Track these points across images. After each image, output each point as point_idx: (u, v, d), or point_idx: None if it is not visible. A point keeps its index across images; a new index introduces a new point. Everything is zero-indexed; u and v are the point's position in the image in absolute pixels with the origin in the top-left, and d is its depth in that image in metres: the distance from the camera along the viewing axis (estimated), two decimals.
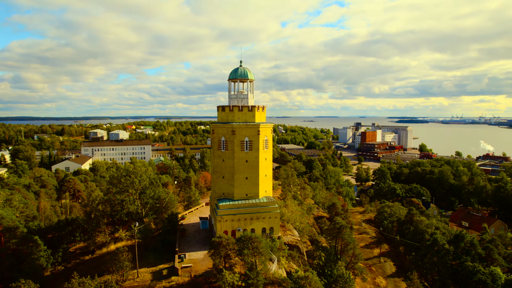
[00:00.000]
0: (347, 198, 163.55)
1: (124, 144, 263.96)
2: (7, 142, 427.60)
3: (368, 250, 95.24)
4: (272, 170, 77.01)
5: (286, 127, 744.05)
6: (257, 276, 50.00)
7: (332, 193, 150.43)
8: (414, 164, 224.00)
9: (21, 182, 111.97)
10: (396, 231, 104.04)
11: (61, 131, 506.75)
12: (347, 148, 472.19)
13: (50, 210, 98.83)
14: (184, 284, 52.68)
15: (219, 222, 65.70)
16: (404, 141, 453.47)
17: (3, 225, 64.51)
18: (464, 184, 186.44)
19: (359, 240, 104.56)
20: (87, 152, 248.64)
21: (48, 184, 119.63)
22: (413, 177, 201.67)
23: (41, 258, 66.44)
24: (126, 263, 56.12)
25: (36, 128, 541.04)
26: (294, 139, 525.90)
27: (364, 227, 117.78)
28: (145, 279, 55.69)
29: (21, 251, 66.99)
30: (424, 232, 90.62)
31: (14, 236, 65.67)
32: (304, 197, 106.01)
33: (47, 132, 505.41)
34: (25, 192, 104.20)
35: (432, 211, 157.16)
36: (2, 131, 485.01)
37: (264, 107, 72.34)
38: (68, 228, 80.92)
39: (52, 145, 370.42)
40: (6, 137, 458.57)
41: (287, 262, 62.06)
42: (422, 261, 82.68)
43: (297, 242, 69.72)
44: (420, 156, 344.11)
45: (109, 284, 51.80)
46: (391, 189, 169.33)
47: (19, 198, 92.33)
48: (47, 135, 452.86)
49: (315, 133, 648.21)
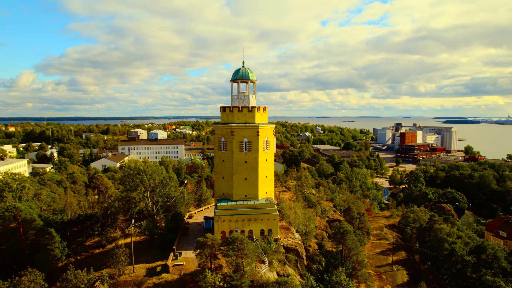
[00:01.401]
0: (374, 201, 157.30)
1: (158, 143, 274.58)
2: (60, 140, 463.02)
3: (382, 257, 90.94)
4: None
5: (324, 127, 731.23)
6: (241, 278, 49.85)
7: (356, 196, 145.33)
8: (452, 167, 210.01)
9: (54, 178, 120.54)
10: (415, 238, 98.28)
11: (106, 131, 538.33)
12: (386, 150, 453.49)
13: (76, 205, 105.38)
14: (172, 281, 53.86)
15: (216, 222, 66.27)
16: (448, 142, 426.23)
17: (21, 217, 69.90)
18: (510, 190, 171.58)
19: (376, 246, 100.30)
20: (124, 151, 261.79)
21: (78, 181, 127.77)
22: (450, 181, 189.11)
23: (56, 250, 71.06)
24: (122, 259, 58.51)
25: (84, 128, 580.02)
26: (331, 139, 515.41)
27: (385, 233, 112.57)
28: (139, 275, 57.69)
29: (38, 242, 72.13)
30: (444, 241, 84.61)
31: (32, 227, 70.84)
32: (318, 200, 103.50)
33: (94, 131, 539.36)
34: (56, 187, 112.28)
35: (467, 218, 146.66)
36: (56, 130, 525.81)
37: (266, 108, 71.79)
38: (87, 222, 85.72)
39: (96, 144, 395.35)
40: (59, 135, 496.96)
41: (281, 265, 61.06)
42: (438, 272, 77.37)
43: (296, 245, 68.37)
44: (465, 159, 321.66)
45: (103, 278, 54.33)
46: (422, 193, 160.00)
47: (47, 193, 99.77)
48: (93, 134, 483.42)
49: (354, 133, 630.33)
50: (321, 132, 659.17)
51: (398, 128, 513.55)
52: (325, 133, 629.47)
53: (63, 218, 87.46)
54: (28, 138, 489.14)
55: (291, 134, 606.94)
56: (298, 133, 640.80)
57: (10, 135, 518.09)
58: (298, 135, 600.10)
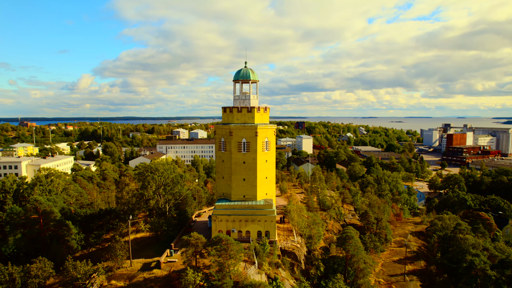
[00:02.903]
0: (405, 206, 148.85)
1: (194, 142, 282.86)
2: (109, 139, 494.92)
3: (398, 266, 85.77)
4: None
5: (369, 128, 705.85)
6: (222, 278, 49.96)
7: (384, 200, 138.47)
8: (500, 172, 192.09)
9: (86, 174, 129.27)
10: (437, 247, 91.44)
11: (151, 130, 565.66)
12: (432, 152, 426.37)
13: (101, 200, 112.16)
14: (160, 277, 55.41)
15: (214, 222, 66.96)
16: (505, 145, 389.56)
17: (41, 209, 75.93)
18: None
19: (395, 254, 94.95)
20: (162, 150, 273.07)
21: (108, 177, 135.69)
22: (497, 187, 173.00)
23: (72, 241, 76.23)
24: (121, 253, 61.31)
25: (132, 127, 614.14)
26: (373, 140, 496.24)
27: (408, 240, 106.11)
28: (134, 269, 60.06)
29: (57, 233, 77.88)
30: (466, 252, 77.83)
31: (51, 219, 76.63)
32: (332, 203, 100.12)
33: (140, 130, 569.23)
34: (86, 183, 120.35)
35: (511, 229, 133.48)
36: (106, 129, 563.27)
37: (267, 108, 71.08)
38: (107, 217, 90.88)
39: (141, 143, 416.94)
40: (108, 134, 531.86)
41: (273, 268, 60.08)
42: (455, 286, 71.40)
43: (294, 248, 66.86)
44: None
45: (98, 270, 57.36)
46: (461, 199, 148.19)
47: (75, 188, 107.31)
48: (139, 133, 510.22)
49: (400, 134, 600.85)
50: (364, 132, 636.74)
51: (446, 129, 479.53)
52: (368, 133, 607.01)
53: (86, 212, 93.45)
54: (82, 136, 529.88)
55: (332, 135, 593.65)
56: (340, 134, 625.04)
57: (68, 133, 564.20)
58: (340, 136, 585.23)
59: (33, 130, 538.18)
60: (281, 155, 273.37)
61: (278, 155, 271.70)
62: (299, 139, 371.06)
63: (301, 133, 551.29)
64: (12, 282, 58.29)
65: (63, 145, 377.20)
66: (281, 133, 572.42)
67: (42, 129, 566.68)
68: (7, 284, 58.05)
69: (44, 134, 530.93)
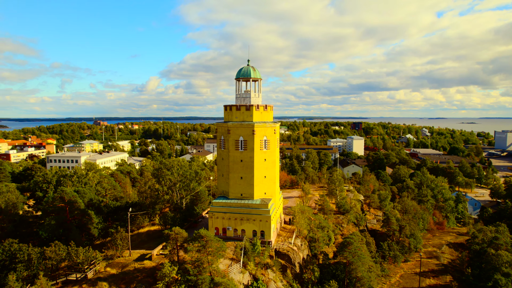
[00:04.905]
0: (450, 214, 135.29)
1: None
2: (168, 137, 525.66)
3: (417, 278, 78.27)
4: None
5: (433, 129, 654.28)
6: (198, 274, 50.47)
7: (424, 207, 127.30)
8: None
9: (125, 169, 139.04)
10: (467, 262, 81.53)
11: (207, 129, 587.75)
12: (505, 156, 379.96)
13: (132, 193, 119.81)
14: (148, 268, 57.67)
15: (210, 219, 67.73)
16: None
17: (66, 199, 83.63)
18: None
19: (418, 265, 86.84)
20: (209, 148, 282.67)
21: (145, 172, 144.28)
22: None
23: (94, 229, 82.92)
24: (120, 243, 65.11)
25: (190, 126, 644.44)
26: (435, 143, 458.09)
27: (442, 251, 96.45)
28: (131, 259, 63.31)
29: (81, 221, 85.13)
30: (496, 270, 68.45)
31: (75, 208, 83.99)
32: (351, 206, 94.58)
33: (197, 130, 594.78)
34: (122, 177, 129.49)
35: None
36: (166, 128, 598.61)
37: (269, 106, 69.86)
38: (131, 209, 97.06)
39: (196, 141, 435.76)
40: (168, 133, 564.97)
41: (259, 269, 58.84)
42: None
43: (289, 251, 64.69)
44: None
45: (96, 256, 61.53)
46: None
47: (108, 181, 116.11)
48: (195, 133, 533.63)
49: (468, 137, 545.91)
50: (427, 134, 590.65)
51: None
52: (432, 135, 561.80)
53: (115, 204, 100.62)
54: (145, 135, 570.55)
55: (391, 136, 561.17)
56: (399, 136, 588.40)
57: (132, 132, 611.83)
58: (399, 138, 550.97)
59: (104, 128, 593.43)
60: (327, 156, 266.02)
61: (323, 156, 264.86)
62: (350, 140, 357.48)
63: (357, 134, 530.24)
64: (29, 262, 65.16)
65: (125, 142, 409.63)
66: (335, 133, 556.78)
67: (111, 127, 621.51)
68: (25, 262, 65.00)
69: (113, 132, 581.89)
